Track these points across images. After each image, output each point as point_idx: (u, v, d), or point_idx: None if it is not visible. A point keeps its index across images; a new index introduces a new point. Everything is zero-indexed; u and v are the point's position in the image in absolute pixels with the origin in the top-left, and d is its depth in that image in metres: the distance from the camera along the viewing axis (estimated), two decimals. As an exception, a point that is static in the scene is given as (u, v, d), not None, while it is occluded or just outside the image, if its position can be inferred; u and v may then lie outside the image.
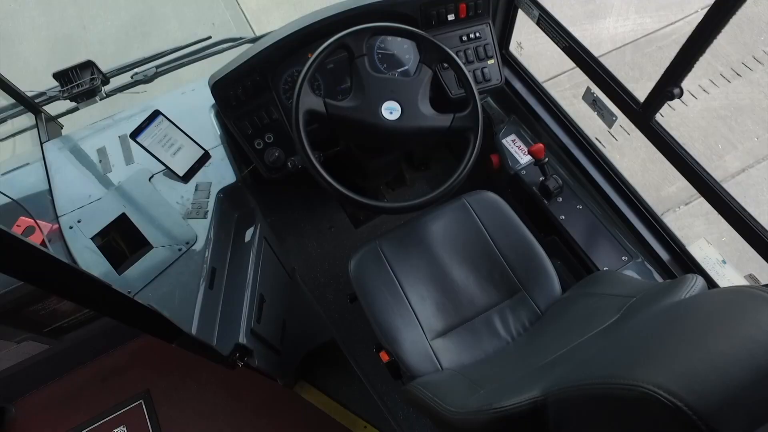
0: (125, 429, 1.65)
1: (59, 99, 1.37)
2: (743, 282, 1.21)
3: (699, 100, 2.62)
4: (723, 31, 0.92)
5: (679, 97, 1.06)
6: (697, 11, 2.94)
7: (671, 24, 2.92)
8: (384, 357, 1.24)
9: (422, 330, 1.21)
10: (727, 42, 2.81)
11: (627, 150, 2.49)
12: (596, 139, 2.35)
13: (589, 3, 3.03)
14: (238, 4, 3.21)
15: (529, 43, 2.80)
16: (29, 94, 1.36)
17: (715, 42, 0.94)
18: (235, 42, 1.49)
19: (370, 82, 1.17)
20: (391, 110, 1.18)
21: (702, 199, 1.13)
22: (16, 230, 1.16)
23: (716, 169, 2.41)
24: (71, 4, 3.26)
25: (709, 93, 2.64)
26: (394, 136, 1.18)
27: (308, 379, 1.70)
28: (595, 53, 1.23)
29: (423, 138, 1.22)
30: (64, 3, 3.28)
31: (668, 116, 2.56)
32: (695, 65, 1.00)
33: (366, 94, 1.17)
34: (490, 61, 1.43)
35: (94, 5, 3.26)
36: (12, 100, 1.35)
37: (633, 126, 1.20)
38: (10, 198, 1.22)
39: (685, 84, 1.05)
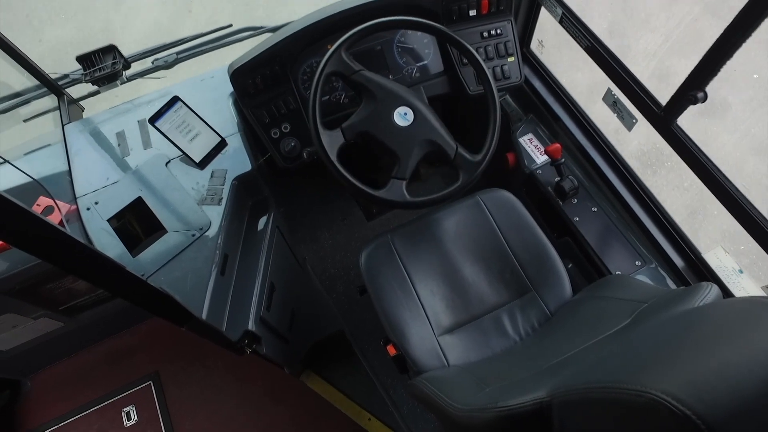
0: (134, 408, 1.69)
1: (81, 82, 1.40)
2: (760, 293, 1.18)
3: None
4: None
5: (703, 102, 1.03)
6: None
7: None
8: (391, 351, 1.25)
9: (430, 325, 1.21)
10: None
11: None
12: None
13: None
14: None
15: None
16: (53, 76, 1.38)
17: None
18: (255, 30, 1.49)
19: (381, 88, 1.16)
20: (404, 113, 1.17)
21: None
22: (36, 209, 1.19)
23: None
24: None
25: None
26: (407, 142, 1.17)
27: (315, 369, 1.72)
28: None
29: (431, 151, 1.19)
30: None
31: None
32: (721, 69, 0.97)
33: (377, 100, 1.17)
34: (511, 59, 1.42)
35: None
36: (36, 82, 1.38)
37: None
38: (32, 177, 1.24)
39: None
